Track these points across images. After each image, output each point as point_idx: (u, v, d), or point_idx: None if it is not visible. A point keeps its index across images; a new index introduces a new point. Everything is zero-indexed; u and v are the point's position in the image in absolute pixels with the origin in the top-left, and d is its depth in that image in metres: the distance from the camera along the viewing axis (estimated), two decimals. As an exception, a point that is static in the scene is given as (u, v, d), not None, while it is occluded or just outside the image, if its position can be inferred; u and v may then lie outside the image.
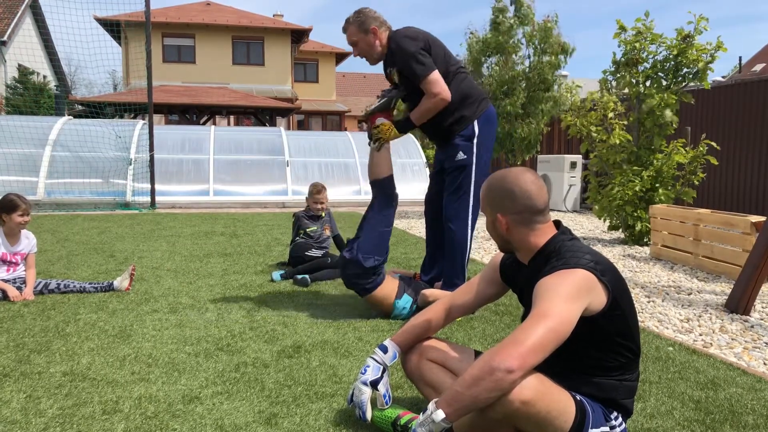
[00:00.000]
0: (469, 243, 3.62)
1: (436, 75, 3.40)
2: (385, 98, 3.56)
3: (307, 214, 4.96)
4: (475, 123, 3.55)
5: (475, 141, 3.55)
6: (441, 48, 3.54)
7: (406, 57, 3.41)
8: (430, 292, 3.46)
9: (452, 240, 3.59)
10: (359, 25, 3.51)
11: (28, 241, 4.02)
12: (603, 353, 1.77)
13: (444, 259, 3.77)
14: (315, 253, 4.84)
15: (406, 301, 3.47)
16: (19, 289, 3.86)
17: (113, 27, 22.80)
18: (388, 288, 3.47)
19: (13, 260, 3.94)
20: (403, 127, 3.54)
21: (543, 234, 1.86)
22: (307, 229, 4.88)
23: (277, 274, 4.50)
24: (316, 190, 4.93)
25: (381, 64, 3.71)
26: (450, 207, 3.59)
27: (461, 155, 3.54)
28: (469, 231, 3.60)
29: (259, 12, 29.63)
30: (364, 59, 3.63)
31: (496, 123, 3.76)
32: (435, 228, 3.87)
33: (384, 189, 3.51)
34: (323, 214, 4.99)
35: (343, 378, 2.52)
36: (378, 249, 3.39)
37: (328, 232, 5.00)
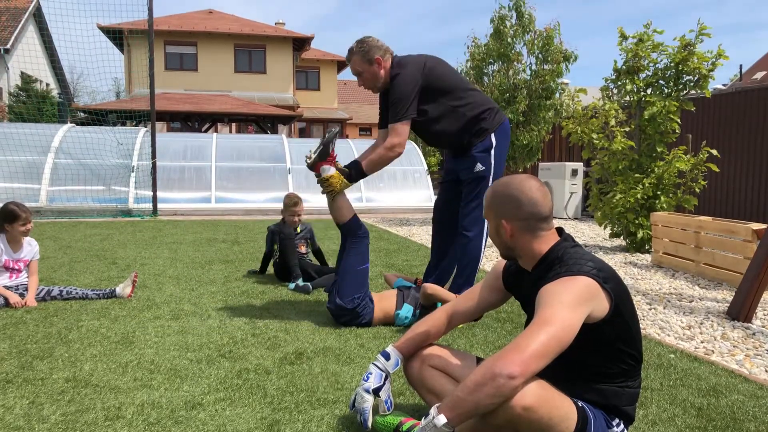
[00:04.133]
0: (482, 252, 3.64)
1: (404, 127, 3.42)
2: (322, 146, 3.49)
3: (281, 229, 4.73)
4: (493, 135, 3.58)
5: (492, 152, 3.58)
6: (441, 71, 3.55)
7: (396, 95, 3.43)
8: (429, 285, 3.46)
9: (467, 247, 3.61)
10: (363, 56, 3.50)
11: (30, 248, 4.04)
12: (605, 360, 1.78)
13: (450, 266, 3.79)
14: (301, 252, 4.80)
15: (407, 311, 3.48)
16: (21, 296, 3.87)
17: (116, 35, 22.92)
18: (387, 304, 3.51)
19: (16, 267, 3.95)
20: (355, 177, 3.49)
21: (546, 241, 1.87)
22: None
23: (291, 285, 4.47)
24: (293, 202, 4.78)
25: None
26: (468, 216, 3.61)
27: (480, 166, 3.56)
28: (484, 240, 3.63)
29: (260, 20, 29.74)
30: (368, 89, 3.63)
31: (510, 133, 3.79)
32: (442, 235, 3.88)
33: (351, 230, 3.53)
34: (298, 229, 4.85)
35: (345, 385, 2.52)
36: (356, 288, 3.42)
37: (303, 249, 4.87)
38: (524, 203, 1.84)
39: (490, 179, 3.57)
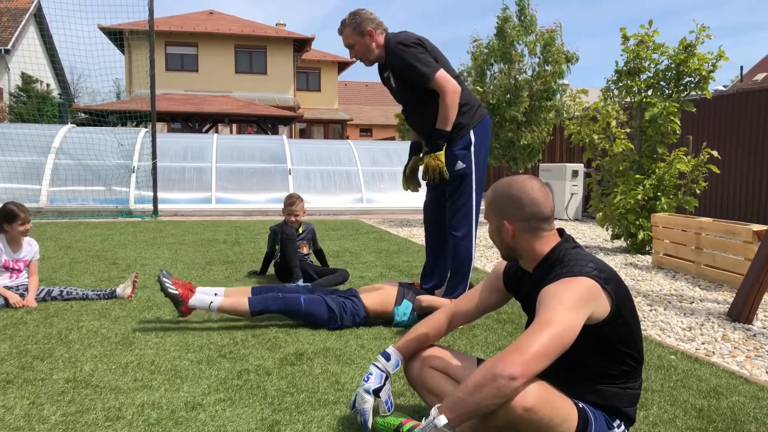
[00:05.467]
0: (473, 250, 3.62)
1: (442, 72, 3.41)
2: (168, 297, 3.30)
3: (283, 229, 4.71)
4: (472, 131, 3.56)
5: (472, 149, 3.55)
6: (439, 52, 3.57)
7: (408, 61, 3.41)
8: (424, 298, 3.46)
9: (457, 247, 3.59)
10: (355, 28, 3.50)
11: (30, 248, 4.04)
12: (606, 361, 1.78)
13: (446, 266, 3.77)
14: (302, 253, 4.78)
15: (406, 307, 3.47)
16: (21, 296, 3.87)
17: (116, 36, 22.95)
18: (379, 297, 3.49)
19: (16, 267, 3.95)
20: (438, 142, 3.49)
21: (548, 242, 1.87)
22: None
23: (292, 286, 4.45)
24: (290, 202, 4.75)
25: (375, 70, 3.71)
26: (454, 216, 3.60)
27: (460, 164, 3.55)
28: (473, 238, 3.61)
29: (261, 21, 29.84)
30: (360, 61, 3.64)
31: (491, 130, 3.77)
32: (434, 235, 3.87)
33: (261, 308, 3.33)
34: (300, 229, 4.83)
35: (345, 385, 2.52)
36: (317, 309, 3.36)
37: (305, 250, 4.84)
38: (526, 203, 1.84)
39: (473, 176, 3.55)
